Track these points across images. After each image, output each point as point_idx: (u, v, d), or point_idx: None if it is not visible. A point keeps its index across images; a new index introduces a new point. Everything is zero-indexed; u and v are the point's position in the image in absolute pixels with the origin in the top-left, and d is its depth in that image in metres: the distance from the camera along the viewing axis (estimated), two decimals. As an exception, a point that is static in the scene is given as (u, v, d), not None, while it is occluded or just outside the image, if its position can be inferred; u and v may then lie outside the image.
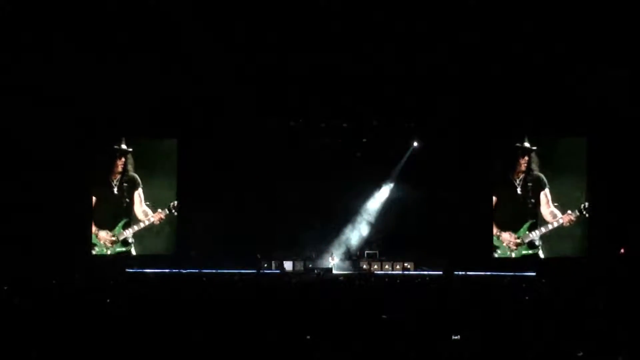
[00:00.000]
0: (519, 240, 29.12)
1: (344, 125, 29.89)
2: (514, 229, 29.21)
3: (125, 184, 29.90)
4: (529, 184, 29.14)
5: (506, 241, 29.10)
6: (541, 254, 29.04)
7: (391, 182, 30.55)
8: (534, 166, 29.04)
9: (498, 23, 25.05)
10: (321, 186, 29.87)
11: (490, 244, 29.15)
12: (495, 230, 29.23)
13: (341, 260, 29.38)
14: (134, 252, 29.72)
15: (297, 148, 30.09)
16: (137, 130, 29.58)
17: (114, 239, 29.65)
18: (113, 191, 29.73)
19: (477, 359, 7.83)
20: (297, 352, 7.86)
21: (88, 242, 29.28)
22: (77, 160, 28.43)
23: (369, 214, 30.30)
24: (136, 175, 29.91)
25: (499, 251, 29.25)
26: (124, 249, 29.62)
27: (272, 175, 29.78)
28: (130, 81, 26.63)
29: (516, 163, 29.11)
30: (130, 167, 29.78)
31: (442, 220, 29.16)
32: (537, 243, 28.91)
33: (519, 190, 29.13)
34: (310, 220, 29.74)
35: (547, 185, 29.01)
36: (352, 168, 30.05)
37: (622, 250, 27.56)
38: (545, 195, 29.00)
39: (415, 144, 29.93)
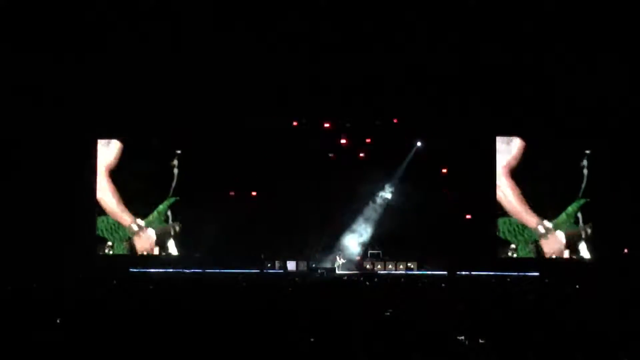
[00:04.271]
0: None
1: (347, 125, 29.89)
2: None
3: None
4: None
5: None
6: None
7: (395, 182, 30.46)
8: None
9: (497, 22, 25.11)
10: (323, 186, 29.88)
11: (493, 244, 28.87)
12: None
13: (344, 260, 29.31)
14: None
15: (300, 148, 30.09)
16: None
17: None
18: None
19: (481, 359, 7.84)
20: (300, 354, 7.86)
21: (94, 241, 28.91)
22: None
23: (372, 214, 30.21)
24: None
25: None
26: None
27: (274, 175, 29.75)
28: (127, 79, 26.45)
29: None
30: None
31: (446, 219, 29.13)
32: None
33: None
34: (313, 220, 29.73)
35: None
36: (356, 168, 30.00)
37: (625, 251, 27.50)
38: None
39: (419, 143, 29.86)
